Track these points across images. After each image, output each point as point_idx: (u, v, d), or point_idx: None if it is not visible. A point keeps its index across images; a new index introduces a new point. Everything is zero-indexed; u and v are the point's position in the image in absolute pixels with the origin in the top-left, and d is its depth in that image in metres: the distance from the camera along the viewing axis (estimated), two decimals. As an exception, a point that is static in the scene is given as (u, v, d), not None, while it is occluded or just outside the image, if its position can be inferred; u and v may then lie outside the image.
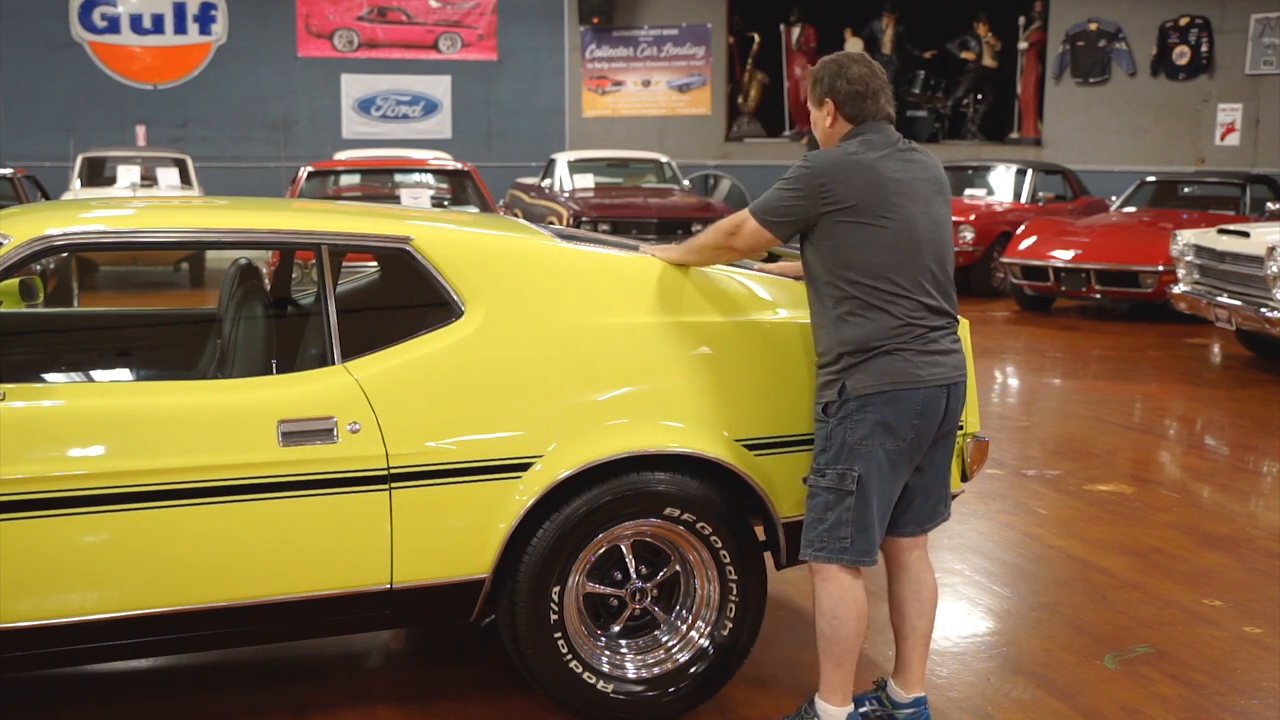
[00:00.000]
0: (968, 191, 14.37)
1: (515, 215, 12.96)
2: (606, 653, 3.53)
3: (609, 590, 3.53)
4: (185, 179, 14.00)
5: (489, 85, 19.37)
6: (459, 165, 11.86)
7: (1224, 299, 9.14)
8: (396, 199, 11.06)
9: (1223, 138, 16.44)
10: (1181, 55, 16.69)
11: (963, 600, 4.62)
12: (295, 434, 3.17)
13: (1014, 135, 18.46)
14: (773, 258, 4.41)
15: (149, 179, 13.56)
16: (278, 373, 3.52)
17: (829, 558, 3.24)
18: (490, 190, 11.55)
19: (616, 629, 3.56)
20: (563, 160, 14.94)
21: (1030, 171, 14.61)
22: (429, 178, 12.43)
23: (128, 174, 13.32)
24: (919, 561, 3.43)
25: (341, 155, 15.34)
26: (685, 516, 3.45)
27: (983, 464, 3.80)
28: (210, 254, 13.47)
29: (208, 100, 18.41)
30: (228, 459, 3.12)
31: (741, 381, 3.55)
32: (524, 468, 3.32)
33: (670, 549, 3.57)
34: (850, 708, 3.35)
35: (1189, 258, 9.74)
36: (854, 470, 3.19)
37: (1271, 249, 8.62)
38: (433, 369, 3.33)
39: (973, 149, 18.12)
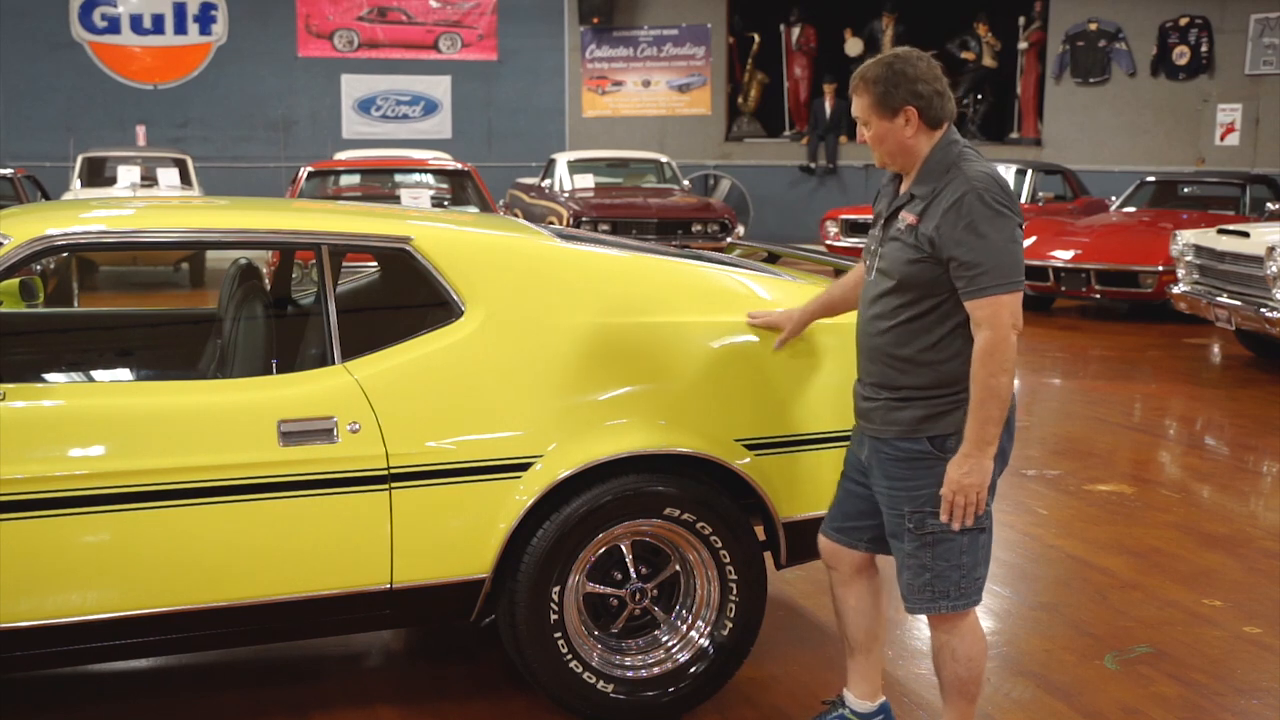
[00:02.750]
0: (968, 192, 14.33)
1: (515, 215, 12.96)
2: (607, 653, 3.53)
3: (609, 590, 3.53)
4: (185, 179, 14.00)
5: (489, 85, 19.37)
6: (459, 165, 11.87)
7: (1224, 299, 9.14)
8: (396, 199, 11.06)
9: (1222, 138, 16.44)
10: (1181, 55, 16.68)
11: (963, 600, 4.61)
12: (295, 434, 3.17)
13: (1014, 135, 18.46)
14: (773, 258, 4.41)
15: (149, 179, 13.55)
16: (278, 373, 3.53)
17: (966, 605, 3.01)
18: (490, 190, 11.55)
19: (616, 629, 3.56)
20: (563, 160, 14.94)
21: (1030, 171, 14.60)
22: (429, 178, 12.43)
23: (128, 174, 13.31)
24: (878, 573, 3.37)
25: (341, 155, 15.33)
26: (685, 516, 3.44)
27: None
28: (210, 254, 13.47)
29: (208, 100, 18.41)
30: (228, 459, 3.12)
31: (741, 381, 3.54)
32: (524, 467, 3.32)
33: (670, 549, 3.56)
34: None
35: (1189, 258, 9.74)
36: (989, 504, 2.97)
37: (1271, 249, 8.62)
38: (433, 369, 3.33)
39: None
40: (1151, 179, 13.75)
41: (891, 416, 3.00)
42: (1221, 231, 9.55)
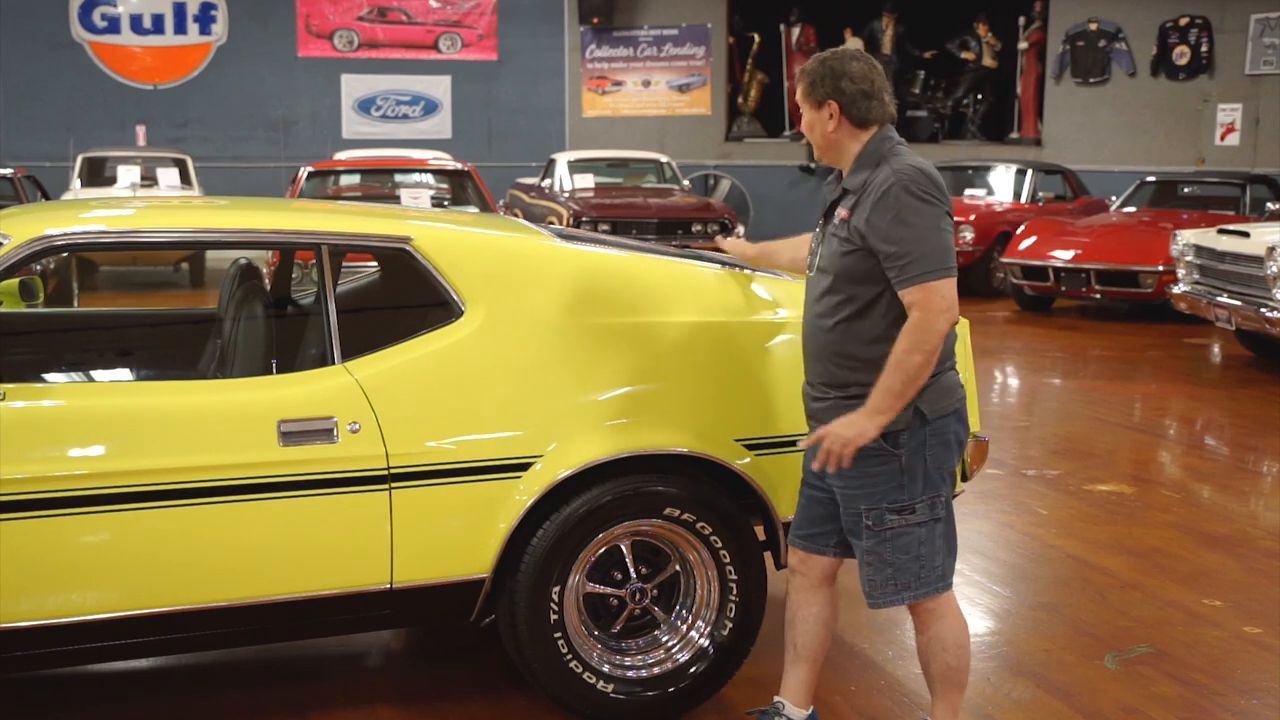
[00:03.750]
0: (968, 191, 14.37)
1: (515, 215, 12.96)
2: (606, 653, 3.53)
3: (609, 590, 3.53)
4: (185, 179, 14.00)
5: (489, 85, 19.36)
6: (459, 165, 11.87)
7: (1224, 299, 9.14)
8: (396, 199, 11.06)
9: (1223, 138, 16.43)
10: (1181, 55, 16.68)
11: (963, 600, 4.60)
12: (295, 434, 3.17)
13: (1014, 135, 18.46)
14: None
15: (149, 179, 13.55)
16: (278, 373, 3.53)
17: (930, 592, 3.08)
18: (490, 190, 11.55)
19: (617, 629, 3.56)
20: (563, 160, 14.94)
21: (1030, 171, 14.60)
22: (429, 178, 12.43)
23: (128, 174, 13.32)
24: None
25: (341, 155, 15.33)
26: (685, 516, 3.44)
27: (983, 464, 3.80)
28: (210, 254, 13.47)
29: (208, 100, 18.40)
30: (228, 459, 3.12)
31: (741, 381, 3.55)
32: (524, 467, 3.32)
33: (670, 549, 3.57)
34: None
35: (1189, 258, 9.74)
36: (942, 495, 3.06)
37: (1271, 249, 8.62)
38: (433, 369, 3.33)
39: (973, 149, 18.11)
40: (1151, 179, 13.76)
41: (843, 415, 3.03)
42: (1221, 231, 9.56)
